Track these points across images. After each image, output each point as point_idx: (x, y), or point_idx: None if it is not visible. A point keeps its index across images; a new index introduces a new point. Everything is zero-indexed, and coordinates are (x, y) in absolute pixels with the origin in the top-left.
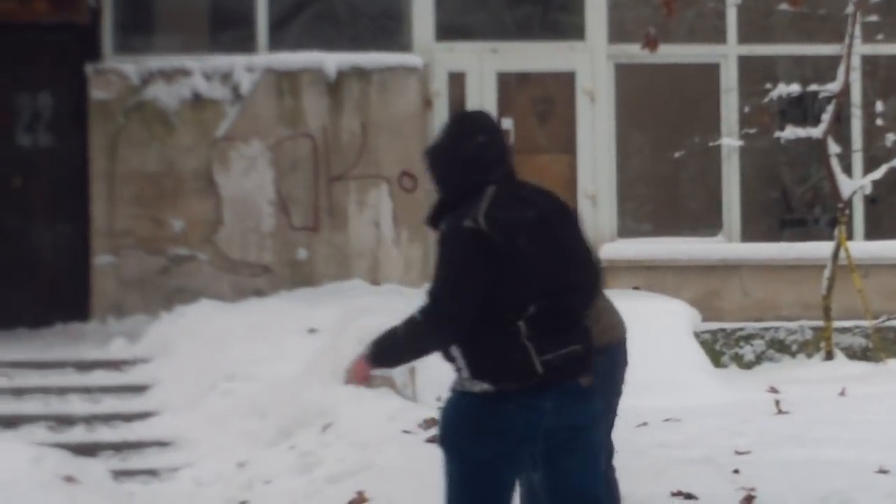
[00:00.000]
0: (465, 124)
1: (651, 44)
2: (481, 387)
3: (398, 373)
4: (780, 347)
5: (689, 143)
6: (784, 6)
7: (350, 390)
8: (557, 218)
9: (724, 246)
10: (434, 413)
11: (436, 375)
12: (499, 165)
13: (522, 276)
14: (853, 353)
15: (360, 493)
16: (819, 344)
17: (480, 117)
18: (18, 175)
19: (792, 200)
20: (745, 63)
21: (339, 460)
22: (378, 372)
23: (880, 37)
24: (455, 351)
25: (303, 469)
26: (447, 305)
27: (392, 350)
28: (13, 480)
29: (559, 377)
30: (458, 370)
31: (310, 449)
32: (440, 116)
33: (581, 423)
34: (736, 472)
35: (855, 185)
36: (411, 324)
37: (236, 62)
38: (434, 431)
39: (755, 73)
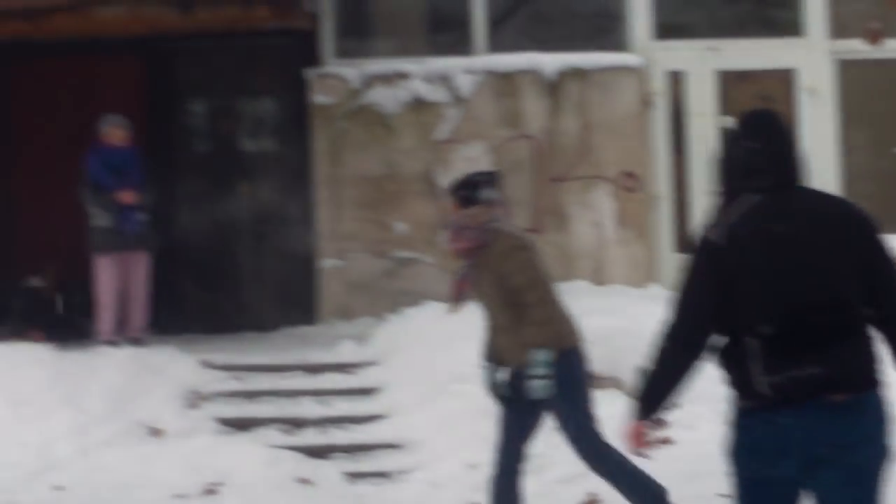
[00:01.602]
0: (743, 126)
1: (874, 38)
2: (740, 402)
3: (627, 373)
4: None
5: None
6: None
7: None
8: (821, 233)
9: None
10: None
11: None
12: (767, 173)
13: (754, 294)
14: None
15: (592, 495)
16: None
17: (759, 119)
18: (244, 180)
19: None
20: None
21: (571, 462)
22: (655, 429)
23: None
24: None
25: (534, 470)
26: (674, 319)
27: (653, 389)
28: (250, 482)
29: (793, 397)
30: None
31: (540, 450)
32: (659, 116)
33: (841, 441)
34: None
35: None
36: (656, 349)
37: (455, 65)
38: (664, 433)
39: None
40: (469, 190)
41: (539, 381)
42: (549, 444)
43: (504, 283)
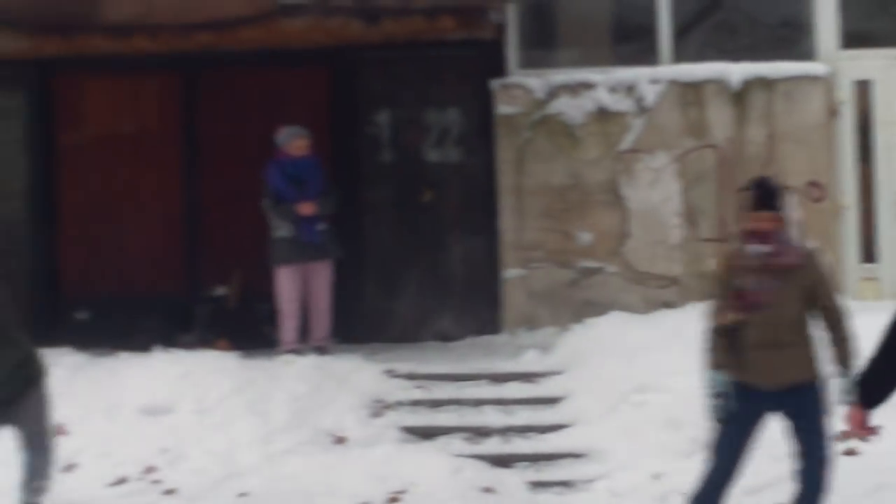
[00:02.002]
0: None
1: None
2: None
3: None
4: None
5: None
6: None
7: None
8: None
9: None
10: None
11: None
12: None
13: None
14: None
15: None
16: None
17: None
18: (429, 190)
19: None
20: None
21: (757, 473)
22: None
23: None
24: None
25: None
26: None
27: (875, 377)
28: (433, 491)
29: None
30: None
31: None
32: (845, 125)
33: None
34: None
35: None
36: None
37: (640, 74)
38: (849, 445)
39: None
40: (780, 200)
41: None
42: None
43: (816, 300)
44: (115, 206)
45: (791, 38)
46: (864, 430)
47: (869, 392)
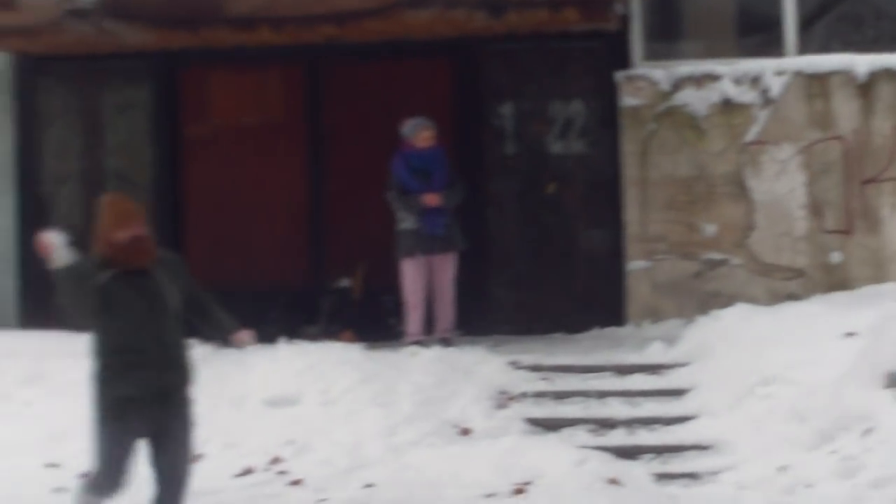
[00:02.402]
0: None
1: None
2: None
3: None
4: None
5: None
6: None
7: (890, 394)
8: None
9: None
10: None
11: None
12: None
13: None
14: None
15: None
16: None
17: None
18: (553, 182)
19: None
20: None
21: (883, 465)
22: None
23: None
24: None
25: (845, 474)
26: None
27: None
28: (558, 482)
29: None
30: None
31: (851, 453)
32: None
33: None
34: None
35: None
36: None
37: (765, 66)
38: None
39: None
40: None
41: None
42: (861, 446)
43: None
44: (240, 197)
45: None
46: None
47: None
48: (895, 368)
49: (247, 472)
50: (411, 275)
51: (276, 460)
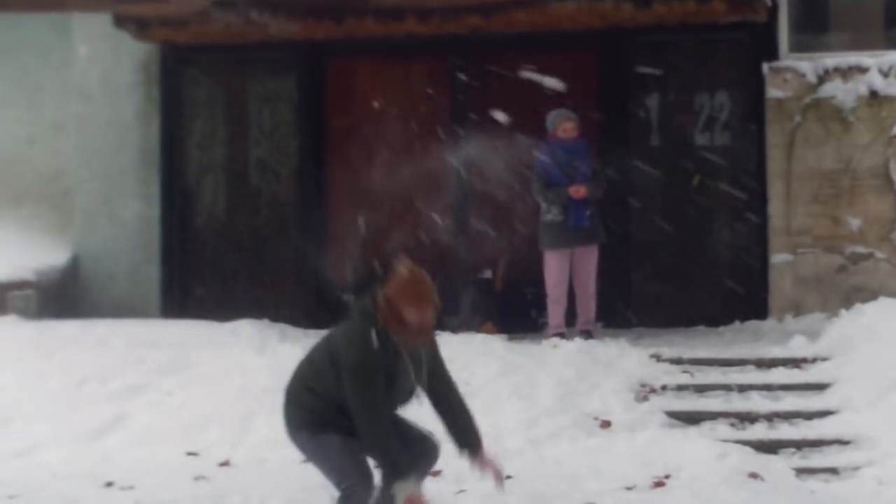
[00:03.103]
0: None
1: None
2: None
3: None
4: None
5: None
6: None
7: None
8: None
9: None
10: None
11: None
12: None
13: None
14: None
15: None
16: None
17: None
18: (696, 174)
19: None
20: None
21: None
22: None
23: None
24: None
25: None
26: None
27: None
28: (699, 475)
29: None
30: None
31: None
32: None
33: None
34: None
35: None
36: None
37: None
38: None
39: None
40: None
41: None
42: None
43: None
44: (384, 188)
45: None
46: None
47: None
48: None
49: None
50: (554, 267)
51: None
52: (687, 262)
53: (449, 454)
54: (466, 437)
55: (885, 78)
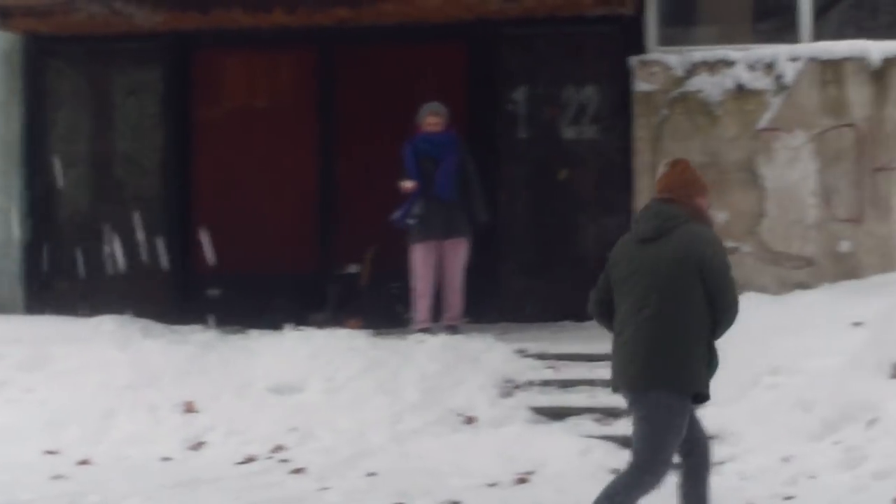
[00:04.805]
0: None
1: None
2: None
3: None
4: None
5: None
6: None
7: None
8: None
9: None
10: None
11: None
12: None
13: None
14: None
15: None
16: None
17: None
18: (564, 167)
19: None
20: None
21: (887, 456)
22: None
23: None
24: None
25: (848, 464)
26: None
27: None
28: (562, 471)
29: None
30: None
31: (855, 444)
32: None
33: None
34: None
35: None
36: None
37: (779, 52)
38: None
39: None
40: None
41: None
42: (865, 437)
43: None
44: (250, 182)
45: None
46: None
47: None
48: None
49: (249, 459)
50: (420, 261)
51: (278, 448)
52: (554, 256)
53: (317, 451)
54: None
55: (752, 72)
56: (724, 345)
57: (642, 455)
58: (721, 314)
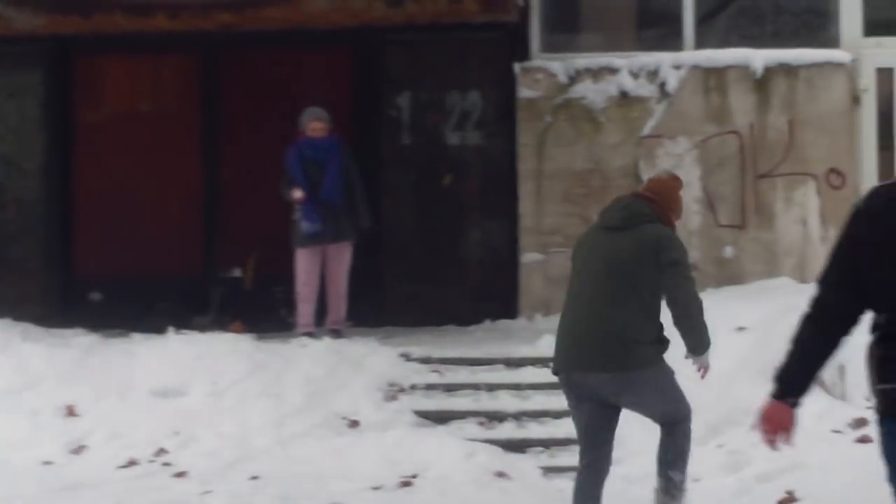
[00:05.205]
0: None
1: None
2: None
3: (826, 371)
4: None
5: None
6: None
7: None
8: None
9: None
10: (864, 413)
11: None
12: None
13: (872, 275)
14: None
15: (790, 493)
16: None
17: None
18: (448, 173)
19: None
20: None
21: (768, 459)
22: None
23: None
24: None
25: (732, 468)
26: (817, 293)
27: (796, 368)
28: (446, 475)
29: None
30: None
31: (739, 447)
32: (868, 113)
33: None
34: None
35: None
36: (799, 326)
37: (663, 59)
38: (863, 431)
39: None
40: None
41: None
42: (748, 440)
43: None
44: (132, 185)
45: (815, 25)
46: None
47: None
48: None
49: (131, 463)
50: (304, 265)
51: (161, 452)
52: (439, 261)
53: (200, 455)
54: None
55: (636, 79)
56: None
57: (668, 415)
58: (679, 308)
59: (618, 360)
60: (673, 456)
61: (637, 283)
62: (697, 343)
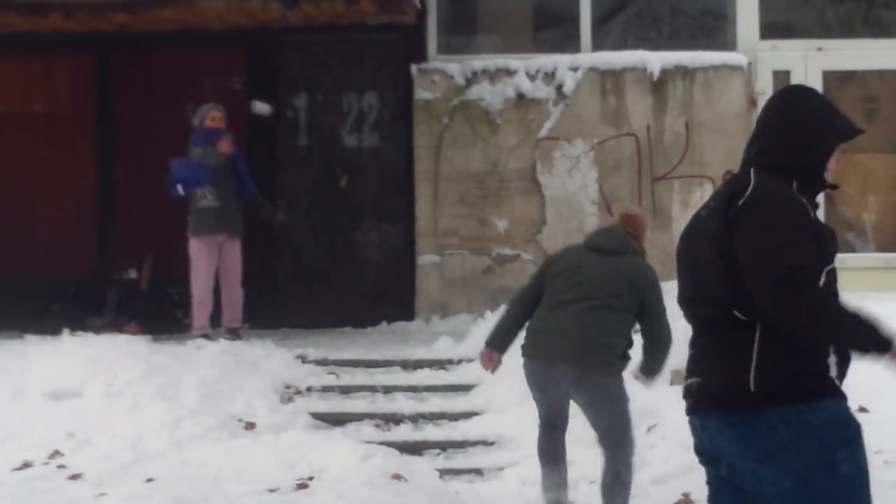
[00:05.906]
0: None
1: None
2: None
3: None
4: None
5: None
6: None
7: (675, 392)
8: (708, 223)
9: None
10: None
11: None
12: (748, 147)
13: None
14: None
15: (686, 495)
16: None
17: (779, 93)
18: (345, 175)
19: None
20: None
21: (665, 461)
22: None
23: None
24: None
25: None
26: None
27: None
28: (342, 476)
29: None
30: None
31: (637, 450)
32: None
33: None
34: None
35: None
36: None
37: (560, 61)
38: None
39: None
40: None
41: None
42: (645, 442)
43: None
44: (25, 186)
45: (711, 27)
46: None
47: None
48: (679, 366)
49: (25, 465)
50: (201, 262)
51: (55, 454)
52: (335, 263)
53: (95, 457)
54: None
55: (533, 81)
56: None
57: (614, 431)
58: (658, 337)
59: (588, 356)
60: (619, 490)
61: (618, 304)
62: (656, 372)
